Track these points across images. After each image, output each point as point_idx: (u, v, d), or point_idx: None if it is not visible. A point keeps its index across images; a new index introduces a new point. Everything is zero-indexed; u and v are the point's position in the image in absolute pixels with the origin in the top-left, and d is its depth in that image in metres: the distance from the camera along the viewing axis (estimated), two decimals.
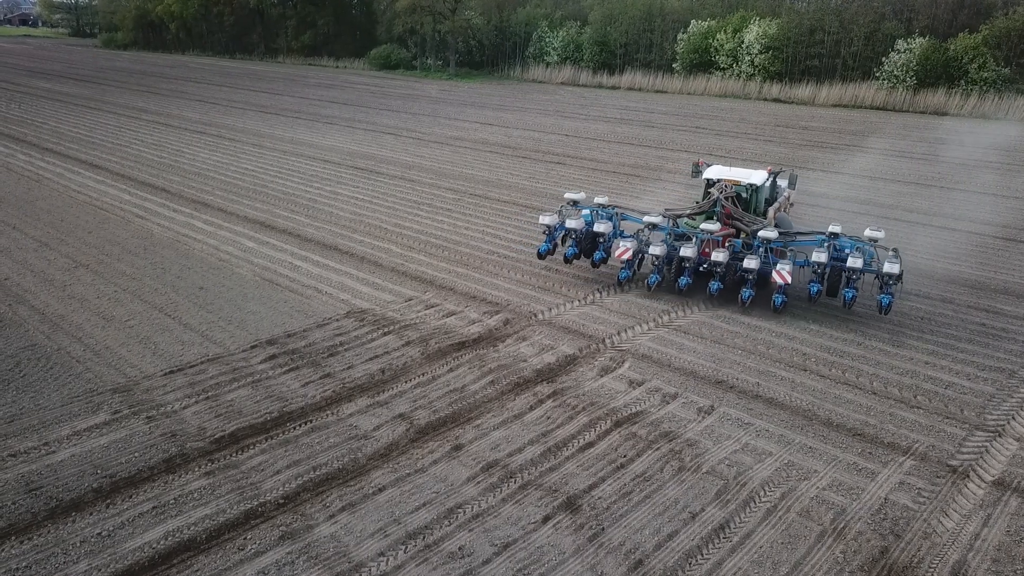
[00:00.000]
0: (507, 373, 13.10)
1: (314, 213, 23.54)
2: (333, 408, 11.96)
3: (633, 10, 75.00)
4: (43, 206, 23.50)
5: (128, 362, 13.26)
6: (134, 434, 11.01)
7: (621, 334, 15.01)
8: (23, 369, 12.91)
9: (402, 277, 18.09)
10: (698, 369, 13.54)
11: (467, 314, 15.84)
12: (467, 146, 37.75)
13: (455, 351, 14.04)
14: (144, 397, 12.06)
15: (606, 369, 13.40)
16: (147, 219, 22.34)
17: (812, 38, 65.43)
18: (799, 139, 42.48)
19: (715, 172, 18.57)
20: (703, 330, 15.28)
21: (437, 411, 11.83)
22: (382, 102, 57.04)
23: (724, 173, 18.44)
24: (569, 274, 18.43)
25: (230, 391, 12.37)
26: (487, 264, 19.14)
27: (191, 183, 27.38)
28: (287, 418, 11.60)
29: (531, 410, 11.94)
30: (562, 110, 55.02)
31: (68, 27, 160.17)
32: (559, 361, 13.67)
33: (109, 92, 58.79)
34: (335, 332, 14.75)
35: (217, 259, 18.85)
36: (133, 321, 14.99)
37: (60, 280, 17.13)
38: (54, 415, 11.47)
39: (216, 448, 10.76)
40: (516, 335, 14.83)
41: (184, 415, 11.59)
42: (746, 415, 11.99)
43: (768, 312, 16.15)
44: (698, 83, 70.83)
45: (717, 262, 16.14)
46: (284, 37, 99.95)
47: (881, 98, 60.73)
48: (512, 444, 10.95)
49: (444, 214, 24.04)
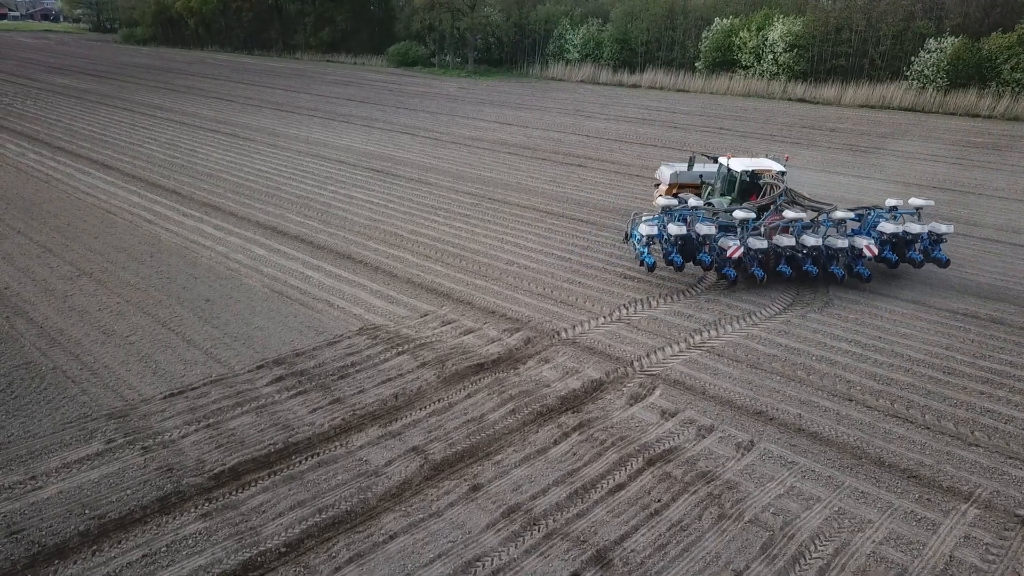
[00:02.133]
0: (529, 400, 12.19)
1: (327, 218, 22.74)
2: (342, 439, 11.11)
3: (655, 7, 73.70)
4: (50, 209, 22.87)
5: (127, 383, 12.49)
6: (127, 467, 10.21)
7: (650, 356, 14.05)
8: (15, 390, 12.17)
9: (418, 289, 17.23)
10: (735, 398, 12.56)
11: (486, 332, 14.94)
12: (485, 147, 36.84)
13: (473, 374, 13.15)
14: (141, 424, 11.27)
15: (636, 397, 12.45)
16: (155, 223, 21.63)
17: (838, 36, 63.89)
18: (828, 142, 41.19)
19: (739, 164, 19.98)
20: (738, 352, 14.29)
21: (453, 444, 10.95)
22: (399, 100, 56.24)
23: (748, 164, 20.00)
24: (594, 288, 17.49)
25: (233, 418, 11.55)
26: (507, 276, 18.23)
27: (202, 185, 26.68)
28: (292, 450, 10.77)
29: (555, 444, 11.03)
30: (582, 109, 53.95)
31: (89, 22, 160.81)
32: (585, 387, 12.75)
33: (126, 89, 58.43)
34: (347, 351, 13.91)
35: (225, 268, 18.08)
36: (134, 337, 14.23)
37: (61, 290, 16.41)
38: (44, 444, 10.71)
39: (215, 485, 9.94)
40: (538, 356, 13.91)
41: (183, 445, 10.78)
42: (789, 452, 11.01)
43: (808, 332, 15.16)
44: (720, 82, 69.46)
45: (814, 246, 17.50)
46: (302, 33, 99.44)
47: (910, 99, 59.11)
48: (535, 485, 10.04)
49: (461, 220, 23.16)
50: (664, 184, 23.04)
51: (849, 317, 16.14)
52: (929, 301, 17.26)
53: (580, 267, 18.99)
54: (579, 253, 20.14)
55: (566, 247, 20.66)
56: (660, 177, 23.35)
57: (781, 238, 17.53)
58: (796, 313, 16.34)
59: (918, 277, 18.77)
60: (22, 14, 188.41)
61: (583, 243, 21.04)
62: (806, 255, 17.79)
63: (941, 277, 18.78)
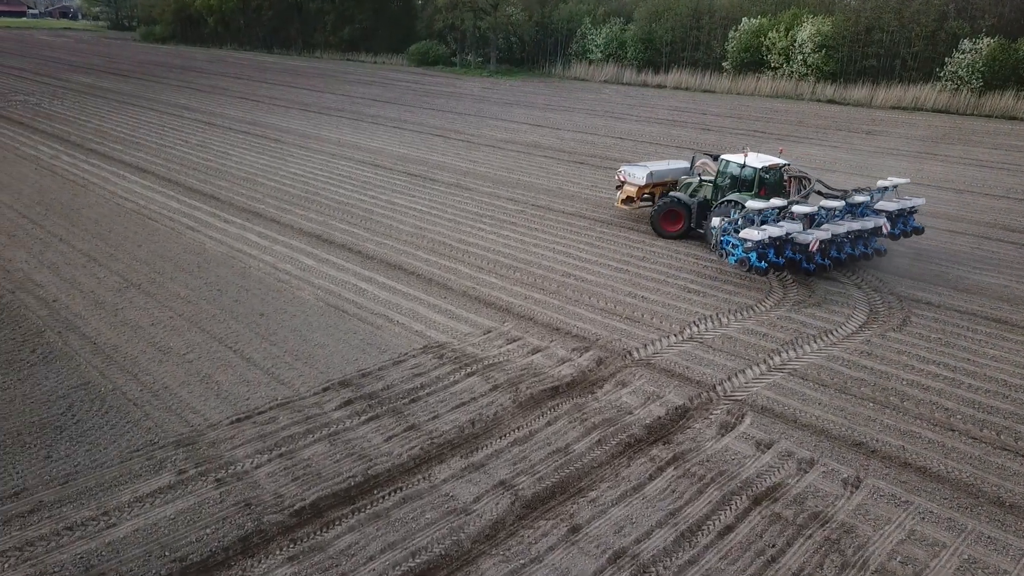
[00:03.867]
0: (614, 430, 11.54)
1: (372, 226, 22.15)
2: (423, 471, 10.50)
3: (680, 7, 72.78)
4: (89, 215, 22.40)
5: (190, 406, 11.93)
6: (203, 502, 9.64)
7: (732, 379, 13.37)
8: (76, 413, 11.63)
9: (475, 303, 16.61)
10: (829, 427, 11.86)
11: (554, 351, 14.30)
12: (519, 150, 36.18)
13: (549, 398, 12.51)
14: (211, 452, 10.70)
15: (726, 426, 11.78)
16: (198, 231, 21.11)
17: (869, 37, 62.85)
18: (867, 145, 40.27)
19: (755, 160, 20.43)
20: (823, 375, 13.58)
21: (542, 478, 10.32)
22: (425, 100, 55.68)
23: (765, 160, 20.50)
24: (658, 302, 16.82)
25: (305, 446, 10.97)
26: (564, 289, 17.59)
27: (240, 189, 26.17)
28: (373, 483, 10.17)
29: (651, 480, 10.37)
30: (611, 110, 53.20)
31: (107, 20, 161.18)
32: (669, 414, 12.08)
33: (150, 88, 58.14)
34: (413, 371, 13.30)
35: (276, 279, 17.51)
36: (192, 354, 13.67)
37: (111, 303, 15.89)
38: (113, 475, 10.15)
39: (297, 523, 9.35)
40: (614, 379, 13.25)
41: (257, 477, 10.20)
42: (900, 490, 10.31)
43: (892, 354, 14.45)
44: (748, 83, 68.50)
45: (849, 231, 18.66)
46: (322, 32, 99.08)
47: (943, 100, 58.03)
48: (637, 526, 9.39)
49: (509, 228, 22.52)
50: (635, 184, 22.75)
51: (931, 337, 15.40)
52: (1010, 318, 16.49)
53: (639, 279, 18.32)
54: (636, 264, 19.47)
55: (621, 258, 19.99)
56: (628, 177, 23.02)
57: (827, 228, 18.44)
58: (874, 332, 15.62)
59: (987, 291, 17.99)
60: (41, 12, 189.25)
61: (638, 254, 20.36)
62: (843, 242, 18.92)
63: (1014, 293, 18.00)
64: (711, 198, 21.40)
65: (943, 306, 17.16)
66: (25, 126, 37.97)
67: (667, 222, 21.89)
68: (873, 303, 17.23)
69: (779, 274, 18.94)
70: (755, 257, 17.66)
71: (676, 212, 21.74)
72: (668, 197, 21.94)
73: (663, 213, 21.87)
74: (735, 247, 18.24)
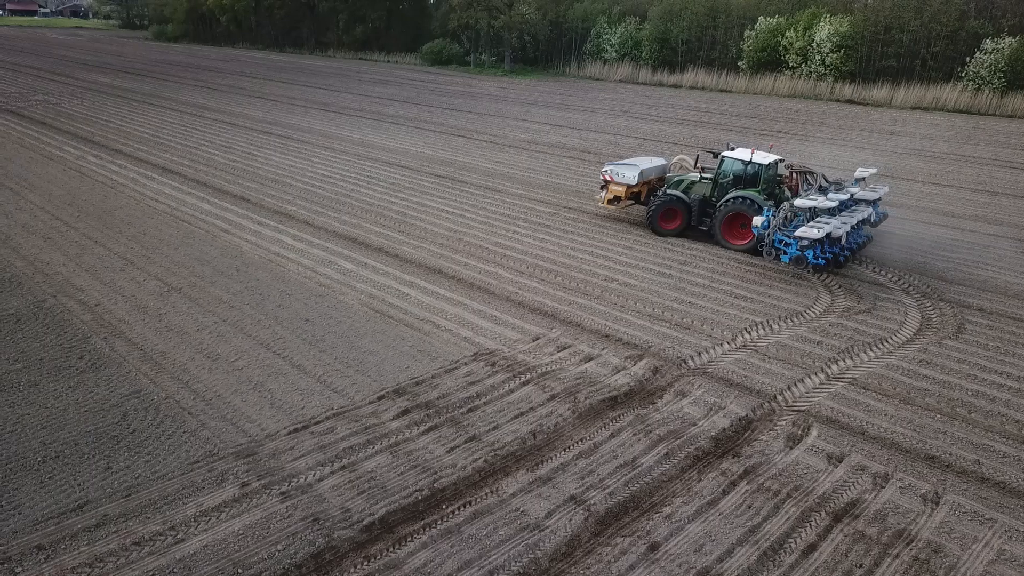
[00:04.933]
0: (680, 443, 11.28)
1: (407, 229, 21.92)
2: (490, 484, 10.26)
3: (696, 6, 72.36)
4: (122, 216, 22.23)
5: (245, 415, 11.71)
6: (270, 516, 9.42)
7: (792, 389, 13.09)
8: (131, 423, 11.42)
9: (520, 309, 16.36)
10: (899, 439, 11.58)
11: (607, 359, 14.04)
12: (544, 151, 35.92)
13: (609, 409, 12.26)
14: (272, 464, 10.48)
15: (793, 439, 11.50)
16: (232, 233, 20.91)
17: (888, 36, 62.33)
18: (891, 146, 39.87)
19: (762, 157, 20.60)
20: (884, 385, 13.29)
21: (613, 493, 10.06)
22: (442, 100, 55.45)
23: (769, 157, 20.74)
24: (705, 308, 16.54)
25: (367, 457, 10.74)
26: (608, 293, 17.32)
27: (269, 191, 25.98)
28: (440, 497, 9.93)
29: (724, 495, 10.11)
30: (630, 110, 52.89)
31: (118, 19, 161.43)
32: (734, 426, 11.81)
33: (167, 87, 58.07)
34: (467, 379, 13.07)
35: (317, 284, 17.30)
36: (241, 361, 13.46)
37: (154, 307, 15.70)
38: (175, 487, 9.94)
39: (368, 538, 9.12)
40: (672, 389, 12.99)
41: (321, 490, 9.98)
42: (982, 507, 10.02)
43: (952, 363, 14.15)
44: (765, 82, 68.06)
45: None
46: (334, 31, 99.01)
47: (964, 100, 57.56)
48: (718, 544, 9.13)
49: (544, 231, 22.27)
50: (624, 184, 22.32)
51: (989, 345, 15.09)
52: None
53: (683, 284, 18.05)
54: (678, 268, 19.20)
55: (662, 261, 19.72)
56: (615, 177, 22.51)
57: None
58: (930, 339, 15.31)
59: None
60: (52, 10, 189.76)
61: (680, 257, 20.08)
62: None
63: None
64: (710, 195, 21.43)
65: (996, 313, 16.85)
66: (48, 126, 37.88)
67: (665, 220, 21.84)
68: (924, 309, 16.93)
69: (822, 277, 18.70)
70: (812, 255, 17.94)
71: (674, 210, 21.65)
72: (666, 195, 21.76)
73: (662, 211, 21.68)
74: (788, 245, 18.30)
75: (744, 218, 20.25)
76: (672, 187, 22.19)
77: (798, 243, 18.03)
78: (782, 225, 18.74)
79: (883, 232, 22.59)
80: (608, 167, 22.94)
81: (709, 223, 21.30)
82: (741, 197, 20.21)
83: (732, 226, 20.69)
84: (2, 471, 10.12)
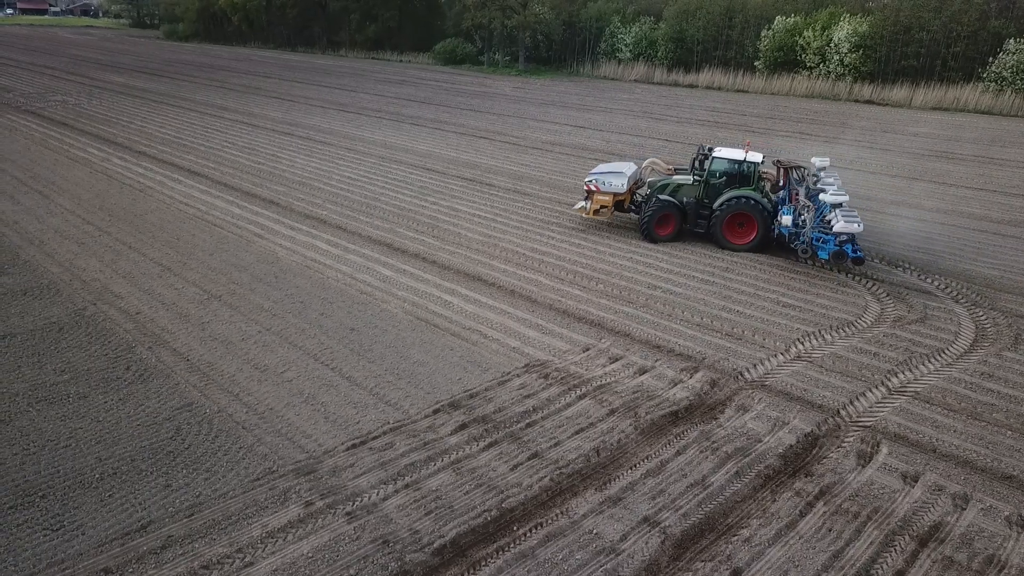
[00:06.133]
0: (748, 461, 10.98)
1: (440, 234, 21.65)
2: (559, 504, 9.98)
3: (712, 5, 71.88)
4: (153, 220, 22.02)
5: (300, 430, 11.46)
6: (339, 538, 9.15)
7: (854, 403, 12.77)
8: (185, 437, 11.18)
9: (566, 317, 16.07)
10: (972, 457, 11.25)
11: (661, 371, 13.74)
12: (569, 152, 35.60)
13: (671, 424, 11.97)
14: (334, 482, 10.22)
15: (864, 456, 11.19)
16: (266, 238, 20.68)
17: (907, 36, 61.75)
18: (917, 148, 39.42)
19: (757, 156, 20.69)
20: (948, 399, 12.96)
21: (687, 515, 9.77)
22: (459, 100, 55.17)
23: (758, 155, 20.81)
24: (754, 317, 16.23)
25: (429, 475, 10.47)
26: (654, 302, 17.02)
27: (297, 194, 25.74)
28: (510, 518, 9.66)
29: (802, 516, 9.81)
30: (648, 111, 52.51)
31: (129, 18, 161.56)
32: (801, 443, 11.51)
33: (183, 87, 57.93)
34: (521, 392, 12.79)
35: (357, 291, 17.04)
36: (290, 373, 13.21)
37: (196, 316, 15.46)
38: (238, 506, 9.69)
39: (441, 562, 8.85)
40: (733, 403, 12.69)
41: (387, 510, 9.71)
42: None
43: (1015, 376, 13.85)
44: (782, 82, 67.56)
45: None
46: (346, 30, 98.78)
47: (986, 102, 56.97)
48: (803, 570, 8.84)
49: (579, 236, 21.98)
50: (611, 193, 21.67)
51: None
52: None
53: (729, 292, 17.74)
54: (721, 276, 18.88)
55: (704, 269, 19.41)
56: (602, 186, 21.71)
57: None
58: (988, 351, 14.97)
59: None
60: (62, 9, 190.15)
61: (721, 264, 19.77)
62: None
63: None
64: (701, 196, 21.16)
65: None
66: (69, 127, 37.75)
67: (659, 226, 21.38)
68: (978, 319, 16.58)
69: (868, 285, 18.40)
70: (851, 249, 18.22)
71: (667, 215, 21.27)
72: (660, 201, 21.24)
73: (658, 218, 21.24)
74: (825, 242, 18.56)
75: (743, 217, 20.57)
76: (659, 192, 21.65)
77: (836, 238, 18.36)
78: (817, 222, 18.94)
79: (923, 236, 22.25)
80: (591, 176, 22.18)
81: (705, 225, 21.08)
82: (744, 197, 20.34)
83: (731, 226, 20.78)
84: (62, 488, 9.89)
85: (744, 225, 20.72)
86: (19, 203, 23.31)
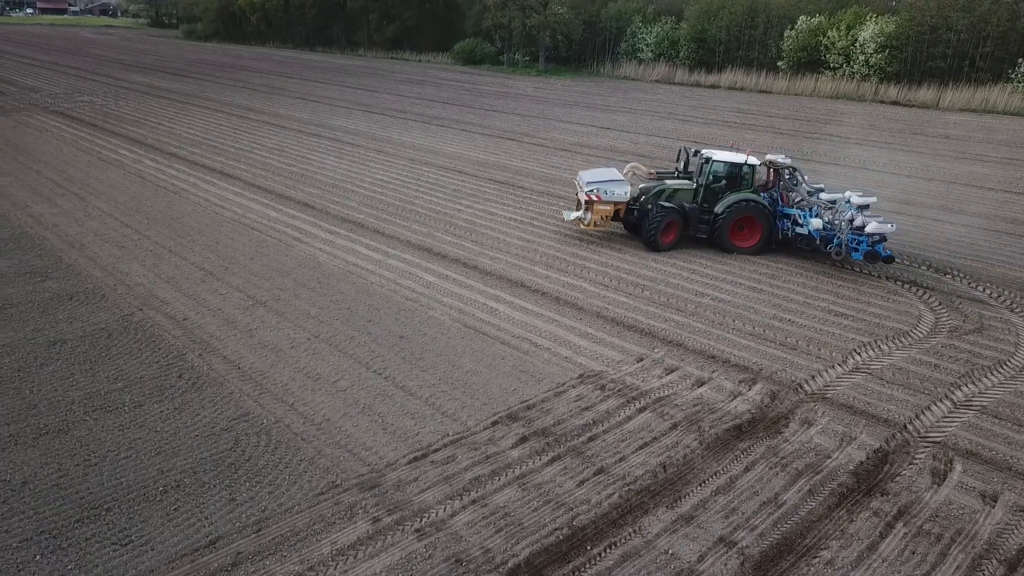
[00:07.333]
0: (820, 478, 10.71)
1: (479, 238, 21.46)
2: (631, 522, 9.75)
3: (735, 5, 71.35)
4: (190, 223, 21.95)
5: (360, 442, 11.29)
6: (410, 557, 8.96)
7: (921, 418, 12.47)
8: (244, 449, 11.03)
9: (615, 326, 15.83)
10: None
11: (719, 383, 13.48)
12: (598, 154, 35.34)
13: (735, 439, 11.71)
14: (399, 497, 10.03)
15: (938, 474, 10.89)
16: (305, 242, 20.56)
17: (935, 36, 60.99)
18: (949, 151, 38.91)
19: (754, 159, 20.65)
20: (1017, 414, 12.64)
21: (763, 535, 9.51)
22: (482, 101, 55.02)
23: (753, 158, 20.72)
24: (808, 326, 15.94)
25: (495, 491, 10.27)
26: (703, 310, 16.76)
27: (332, 197, 25.63)
28: (582, 537, 9.44)
29: (882, 538, 9.53)
30: (672, 111, 52.17)
31: (147, 18, 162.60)
32: (871, 459, 11.22)
33: (207, 88, 58.08)
34: (578, 404, 12.56)
35: (403, 297, 16.88)
36: (343, 382, 13.05)
37: (243, 322, 15.34)
38: (304, 521, 9.52)
39: None
40: (796, 417, 12.41)
41: (456, 527, 9.51)
42: None
43: None
44: (806, 83, 67.02)
45: None
46: (365, 29, 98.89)
47: (1016, 103, 56.24)
48: None
49: (619, 241, 21.74)
50: (612, 202, 20.68)
51: None
52: None
53: (779, 300, 17.45)
54: (768, 283, 18.59)
55: (750, 275, 19.12)
56: (603, 195, 20.56)
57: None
58: None
59: None
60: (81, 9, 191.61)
61: (766, 271, 19.47)
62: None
63: None
64: (701, 200, 20.83)
65: None
66: (99, 128, 37.85)
67: (664, 234, 20.79)
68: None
69: (920, 294, 18.06)
70: (882, 248, 18.52)
71: (671, 222, 20.78)
72: (664, 208, 20.59)
73: (663, 226, 20.63)
74: (859, 243, 18.76)
75: (744, 220, 20.54)
76: (655, 198, 21.03)
77: (869, 239, 18.64)
78: (848, 224, 18.99)
79: (968, 243, 21.85)
80: (592, 186, 20.71)
81: (707, 229, 20.81)
82: (750, 200, 20.34)
83: (732, 229, 20.68)
84: (126, 501, 9.75)
85: (745, 228, 20.72)
86: (57, 206, 23.31)
